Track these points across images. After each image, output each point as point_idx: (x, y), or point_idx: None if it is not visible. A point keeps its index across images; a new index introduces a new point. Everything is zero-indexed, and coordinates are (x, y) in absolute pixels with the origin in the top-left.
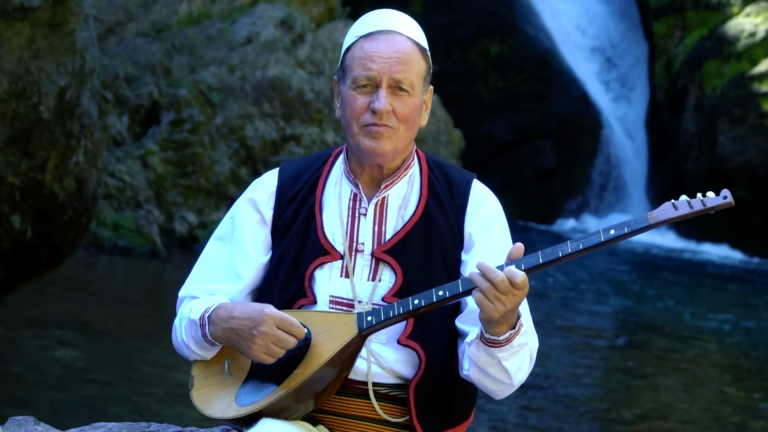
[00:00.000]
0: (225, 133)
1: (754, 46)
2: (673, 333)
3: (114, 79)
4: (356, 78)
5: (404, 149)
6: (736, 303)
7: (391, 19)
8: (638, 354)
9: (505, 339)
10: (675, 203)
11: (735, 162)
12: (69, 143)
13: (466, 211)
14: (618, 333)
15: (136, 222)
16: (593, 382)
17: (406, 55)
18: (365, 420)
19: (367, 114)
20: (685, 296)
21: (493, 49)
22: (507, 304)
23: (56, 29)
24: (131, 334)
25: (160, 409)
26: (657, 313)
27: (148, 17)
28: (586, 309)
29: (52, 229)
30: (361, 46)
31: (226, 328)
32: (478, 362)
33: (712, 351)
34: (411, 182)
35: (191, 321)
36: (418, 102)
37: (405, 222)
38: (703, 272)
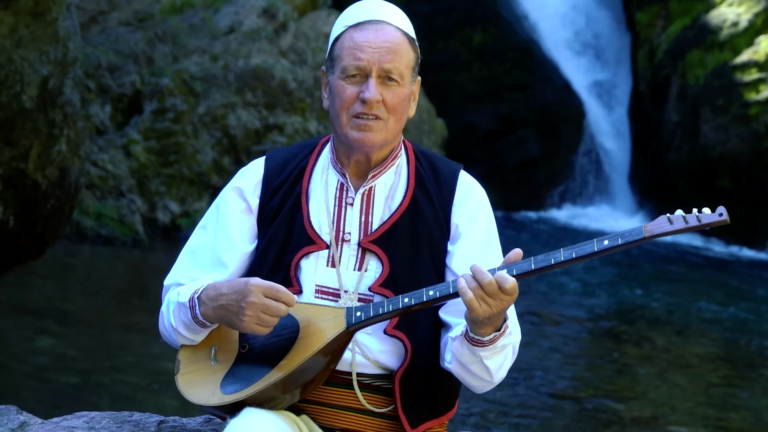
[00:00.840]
0: (208, 123)
1: (737, 36)
2: (656, 323)
3: (97, 68)
4: (346, 68)
5: (393, 140)
6: (719, 293)
7: (380, 9)
8: (621, 344)
9: (489, 340)
10: (670, 217)
11: (718, 151)
12: (52, 132)
13: (453, 202)
14: (601, 323)
15: (118, 211)
16: (577, 373)
17: (395, 45)
18: (349, 410)
19: (357, 104)
20: (667, 286)
21: (476, 39)
22: (494, 307)
23: (39, 18)
24: (114, 324)
25: (142, 398)
26: (639, 303)
27: (131, 6)
28: (569, 300)
29: (35, 218)
30: (351, 36)
31: (215, 306)
32: (461, 358)
33: (694, 341)
34: (398, 172)
35: (180, 304)
36: (407, 92)
37: (392, 212)
38: (686, 262)
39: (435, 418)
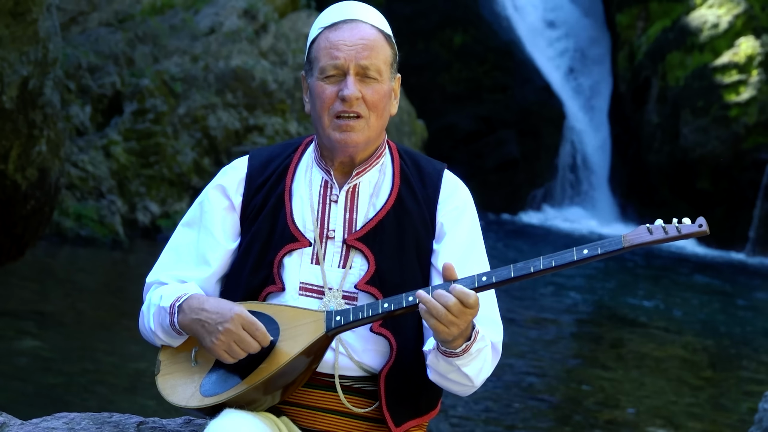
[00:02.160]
0: (188, 123)
1: (717, 38)
2: (633, 324)
3: (77, 68)
4: (323, 68)
5: (376, 138)
6: (698, 294)
7: (354, 9)
8: (599, 345)
9: (462, 350)
10: (650, 227)
11: (697, 153)
12: (32, 133)
13: (438, 200)
14: (579, 325)
15: (98, 212)
16: (556, 374)
17: (371, 41)
18: (330, 412)
19: (337, 102)
20: (646, 288)
21: (456, 40)
22: (461, 325)
23: (19, 18)
24: (93, 325)
25: (122, 399)
26: (618, 304)
27: (111, 7)
28: (548, 301)
29: (15, 219)
30: (326, 37)
31: (194, 318)
32: (438, 369)
33: (672, 342)
34: (383, 170)
35: (161, 308)
36: (387, 88)
37: (377, 210)
38: (665, 263)
39: (418, 417)
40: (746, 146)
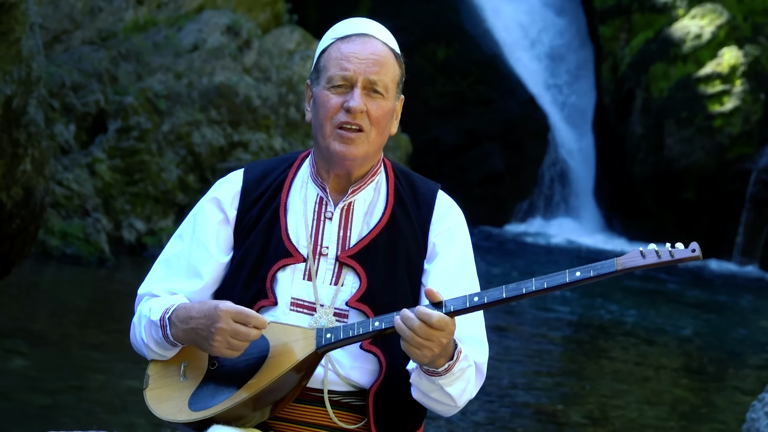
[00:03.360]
0: (172, 140)
1: (700, 48)
2: (618, 335)
3: (60, 87)
4: (332, 77)
5: (374, 155)
6: (684, 304)
7: (368, 25)
8: (584, 356)
9: (445, 369)
10: (643, 251)
11: (682, 164)
12: (16, 152)
13: (431, 220)
14: (564, 336)
15: (84, 230)
16: (542, 385)
17: (382, 57)
18: (319, 427)
19: (341, 113)
20: (631, 298)
21: (439, 54)
22: (434, 347)
23: (2, 38)
24: (80, 343)
25: (110, 417)
26: (602, 315)
27: (94, 25)
28: (534, 313)
29: (0, 238)
30: (338, 47)
31: (186, 328)
32: (420, 387)
33: (659, 352)
34: (377, 189)
35: (151, 321)
36: (391, 106)
37: (371, 228)
38: (650, 273)
39: None
40: (731, 156)
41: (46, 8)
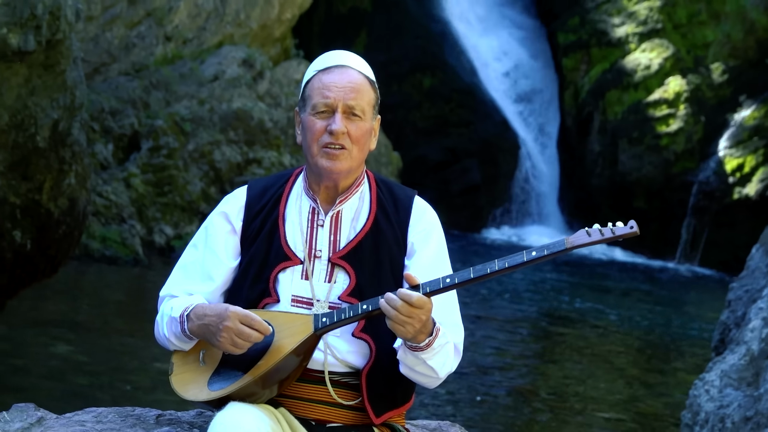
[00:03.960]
0: (196, 158)
1: (649, 78)
2: (579, 324)
3: (100, 112)
4: (316, 105)
5: (357, 168)
6: (636, 297)
7: (345, 57)
8: (551, 342)
9: (425, 344)
10: (589, 230)
11: (634, 176)
12: (62, 168)
13: (409, 223)
14: (534, 324)
15: (120, 235)
16: (515, 366)
17: (358, 85)
18: (321, 403)
19: (325, 135)
20: (590, 294)
21: (425, 83)
22: (414, 323)
23: (49, 70)
24: (117, 331)
25: (143, 395)
26: (568, 307)
27: (129, 58)
28: (507, 305)
29: (48, 242)
30: (320, 78)
31: (200, 324)
32: (406, 362)
33: (615, 339)
34: (362, 198)
35: (172, 318)
36: (369, 126)
37: (357, 232)
38: (608, 272)
39: (395, 409)
40: (675, 170)
41: (87, 44)
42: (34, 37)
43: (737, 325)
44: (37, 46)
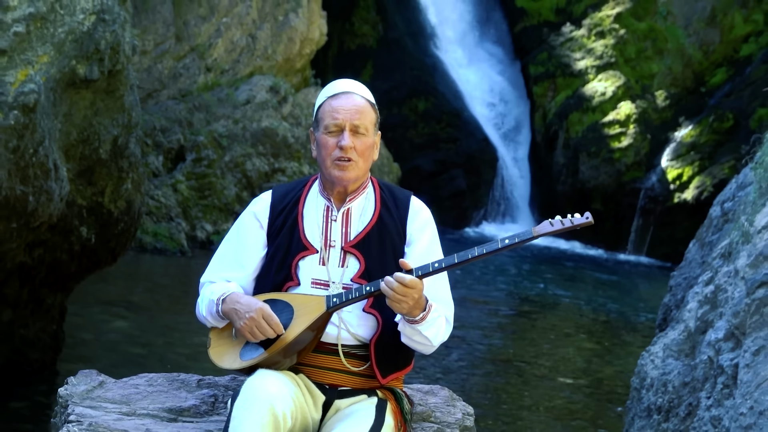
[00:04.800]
0: (231, 167)
1: (605, 102)
2: (549, 304)
3: (152, 129)
4: (327, 125)
5: (363, 176)
6: (594, 283)
7: (349, 84)
8: (522, 320)
9: (420, 318)
10: (551, 221)
11: (592, 184)
12: (120, 175)
13: (407, 218)
14: (509, 305)
15: (169, 231)
16: (493, 340)
17: (361, 107)
18: (334, 370)
19: (336, 150)
20: (555, 281)
21: (420, 106)
22: (408, 300)
23: (110, 94)
24: (165, 310)
25: (187, 363)
26: (537, 291)
27: (176, 86)
28: (488, 290)
29: (109, 237)
30: (329, 103)
31: (231, 308)
32: (406, 333)
33: (577, 318)
34: (368, 198)
35: (210, 301)
36: (371, 141)
37: (365, 225)
38: (570, 262)
39: (398, 371)
40: (626, 179)
41: (142, 73)
42: (98, 67)
43: (677, 306)
44: (101, 75)
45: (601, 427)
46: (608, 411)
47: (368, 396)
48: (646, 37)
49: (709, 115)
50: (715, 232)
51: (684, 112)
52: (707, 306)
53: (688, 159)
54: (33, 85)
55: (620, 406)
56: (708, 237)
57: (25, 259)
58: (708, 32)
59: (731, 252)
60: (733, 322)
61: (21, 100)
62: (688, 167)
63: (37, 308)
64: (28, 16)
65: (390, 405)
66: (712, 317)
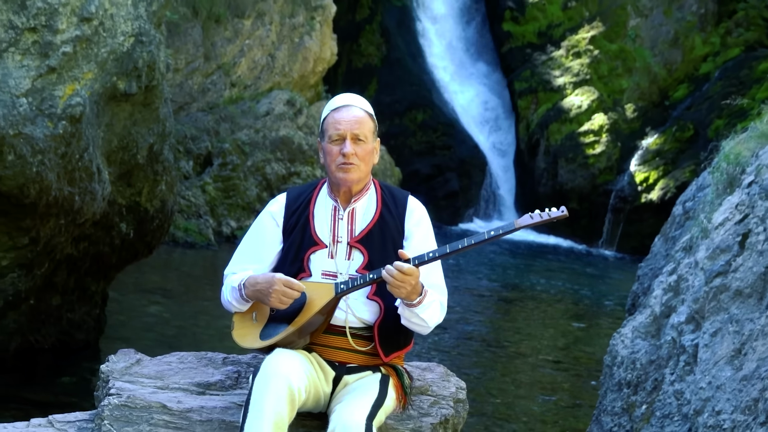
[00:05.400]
0: (253, 171)
1: (581, 114)
2: (531, 292)
3: (183, 138)
4: (331, 136)
5: (364, 178)
6: (569, 273)
7: (349, 98)
8: (507, 305)
9: (417, 302)
10: (531, 215)
11: (569, 186)
12: (155, 178)
13: (405, 215)
14: (496, 293)
15: (198, 226)
16: (481, 323)
17: (360, 118)
18: (342, 349)
19: (340, 157)
20: (536, 271)
21: (419, 117)
22: (407, 286)
23: (147, 107)
24: (195, 297)
25: (214, 343)
26: (521, 280)
27: (204, 99)
28: (478, 279)
29: (146, 232)
30: (333, 116)
31: (254, 290)
32: (404, 315)
33: (555, 303)
34: (370, 198)
35: (233, 288)
36: (371, 147)
37: (368, 223)
38: (550, 255)
39: (399, 350)
40: (599, 181)
41: (175, 88)
42: (136, 83)
43: (644, 293)
44: (138, 90)
45: (578, 399)
46: (584, 385)
47: (373, 372)
48: (617, 57)
49: (672, 125)
50: (678, 228)
51: (650, 123)
52: (671, 293)
53: (653, 164)
54: (79, 98)
55: (594, 381)
56: (671, 232)
57: (72, 251)
58: (671, 53)
59: (692, 246)
60: (694, 308)
61: (68, 111)
62: (653, 171)
63: (83, 295)
64: (75, 38)
65: (392, 380)
66: (675, 303)
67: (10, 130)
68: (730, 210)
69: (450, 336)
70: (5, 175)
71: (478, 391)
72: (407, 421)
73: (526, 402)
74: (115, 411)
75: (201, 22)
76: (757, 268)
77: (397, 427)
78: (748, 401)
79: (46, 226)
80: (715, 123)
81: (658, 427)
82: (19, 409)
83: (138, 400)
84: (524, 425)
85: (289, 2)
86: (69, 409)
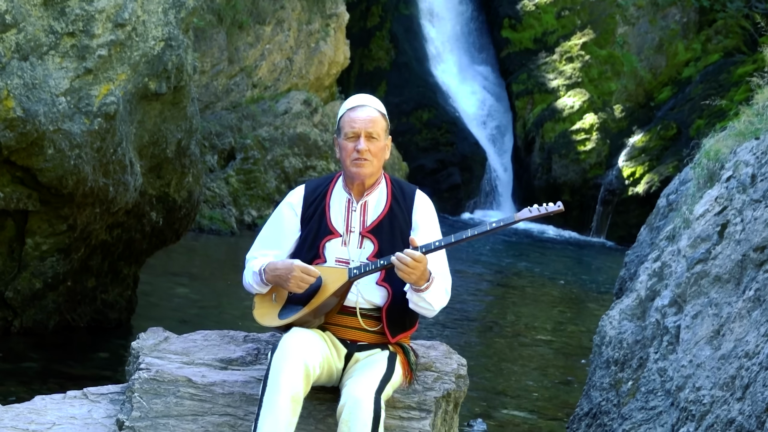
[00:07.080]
0: (273, 165)
1: (573, 114)
2: (527, 277)
3: (209, 134)
4: (346, 133)
5: (376, 172)
6: (562, 259)
7: (364, 99)
8: (506, 290)
9: (425, 287)
10: (530, 209)
11: (562, 180)
12: (183, 171)
13: (413, 208)
14: (494, 278)
15: (222, 215)
16: (481, 306)
17: (374, 118)
18: (353, 329)
19: (354, 153)
20: (532, 257)
21: (424, 116)
22: (416, 272)
23: (176, 105)
24: (219, 279)
25: (235, 322)
26: (517, 266)
27: (228, 99)
28: (478, 264)
29: (174, 220)
30: (348, 115)
31: (273, 275)
32: (412, 299)
33: (549, 288)
34: (381, 192)
35: (254, 272)
36: (383, 145)
37: (378, 214)
38: (546, 243)
39: (405, 332)
40: (590, 176)
41: (201, 89)
42: (166, 84)
43: (631, 278)
44: (168, 90)
45: (569, 375)
46: (575, 363)
47: (381, 350)
48: (606, 62)
49: (657, 125)
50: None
51: (637, 122)
52: (655, 278)
53: (639, 160)
54: (113, 97)
55: (584, 359)
56: (656, 223)
57: (106, 237)
58: (656, 58)
59: (675, 235)
60: (676, 292)
61: (103, 109)
62: (639, 166)
63: (115, 277)
64: (109, 42)
65: (399, 357)
66: (659, 288)
67: (50, 126)
68: (710, 202)
69: (453, 317)
70: (46, 168)
71: (478, 368)
72: (413, 395)
73: (521, 378)
74: (145, 384)
75: (225, 29)
76: (734, 256)
77: (404, 401)
78: (726, 378)
79: (83, 214)
80: (696, 123)
81: (643, 401)
82: (57, 383)
83: (166, 374)
84: (520, 399)
85: (306, 10)
86: (102, 382)
